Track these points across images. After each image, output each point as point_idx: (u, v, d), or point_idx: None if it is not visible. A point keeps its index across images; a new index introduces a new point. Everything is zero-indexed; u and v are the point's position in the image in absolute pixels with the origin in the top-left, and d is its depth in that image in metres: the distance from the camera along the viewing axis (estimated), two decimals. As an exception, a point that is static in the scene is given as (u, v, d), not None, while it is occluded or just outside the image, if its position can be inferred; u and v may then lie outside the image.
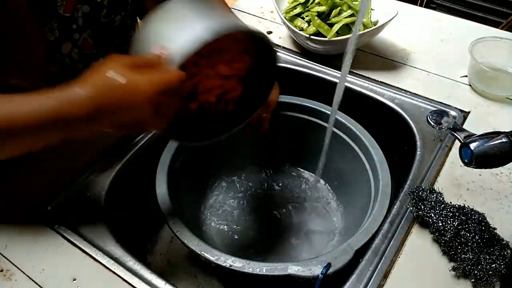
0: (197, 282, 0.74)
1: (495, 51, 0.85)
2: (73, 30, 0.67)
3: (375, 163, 0.71)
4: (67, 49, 0.68)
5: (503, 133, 0.53)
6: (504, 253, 0.56)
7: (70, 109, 0.48)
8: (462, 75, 0.87)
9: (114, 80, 0.48)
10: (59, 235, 0.62)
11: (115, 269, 0.58)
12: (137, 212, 0.76)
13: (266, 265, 0.57)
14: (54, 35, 0.64)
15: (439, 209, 0.60)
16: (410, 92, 0.84)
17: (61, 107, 0.48)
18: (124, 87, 0.49)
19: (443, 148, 0.73)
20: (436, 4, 2.18)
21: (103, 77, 0.49)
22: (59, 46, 0.66)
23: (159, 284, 0.57)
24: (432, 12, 1.11)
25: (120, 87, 0.49)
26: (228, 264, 0.57)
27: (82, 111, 0.48)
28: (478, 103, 0.81)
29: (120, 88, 0.49)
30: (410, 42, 0.96)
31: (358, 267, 0.58)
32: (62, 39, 0.66)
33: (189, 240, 0.60)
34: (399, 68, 0.90)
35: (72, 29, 0.67)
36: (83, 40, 0.69)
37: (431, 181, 0.67)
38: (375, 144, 0.73)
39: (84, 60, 0.71)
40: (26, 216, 0.64)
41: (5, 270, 0.58)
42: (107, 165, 0.72)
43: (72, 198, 0.67)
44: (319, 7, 0.90)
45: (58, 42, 0.66)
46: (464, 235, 0.56)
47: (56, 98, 0.48)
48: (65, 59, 0.68)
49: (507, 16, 2.00)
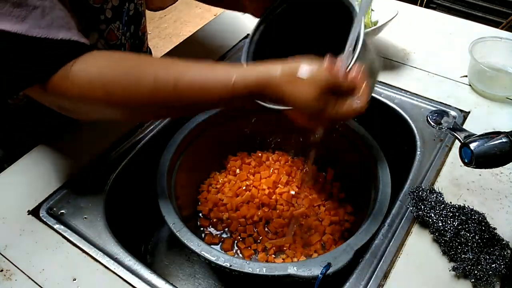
0: (197, 282, 0.74)
1: (495, 51, 0.85)
2: (100, 21, 0.67)
3: (375, 163, 0.71)
4: (93, 39, 0.68)
5: (503, 133, 0.53)
6: (504, 253, 0.56)
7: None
8: (462, 75, 0.87)
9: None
10: (59, 235, 0.62)
11: (115, 269, 0.58)
12: (137, 212, 0.76)
13: (266, 265, 0.57)
14: (81, 25, 0.64)
15: (439, 209, 0.60)
16: (410, 92, 0.84)
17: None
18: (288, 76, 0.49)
19: (443, 148, 0.73)
20: (436, 4, 2.19)
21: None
22: (86, 36, 0.67)
23: (159, 284, 0.57)
24: (432, 12, 1.11)
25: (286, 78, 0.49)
26: (228, 264, 0.57)
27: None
28: (478, 103, 0.81)
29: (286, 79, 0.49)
30: (410, 42, 0.96)
31: (358, 267, 0.58)
32: (88, 29, 0.66)
33: (189, 240, 0.60)
34: (399, 68, 0.90)
35: (100, 19, 0.67)
36: (109, 31, 0.70)
37: (431, 181, 0.67)
38: (375, 144, 0.73)
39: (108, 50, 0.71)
40: (26, 216, 0.64)
41: (5, 270, 0.58)
42: (108, 165, 0.72)
43: (72, 198, 0.67)
44: (319, 7, 0.90)
45: (85, 32, 0.66)
46: (464, 235, 0.56)
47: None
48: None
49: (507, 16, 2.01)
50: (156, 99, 0.51)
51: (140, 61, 0.54)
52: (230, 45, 0.96)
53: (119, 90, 0.50)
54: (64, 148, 0.73)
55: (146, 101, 0.51)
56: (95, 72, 0.50)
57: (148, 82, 0.50)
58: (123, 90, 0.50)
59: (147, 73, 0.51)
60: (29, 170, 0.70)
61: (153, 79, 0.50)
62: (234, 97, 0.50)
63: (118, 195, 0.70)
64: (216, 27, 1.02)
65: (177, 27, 2.65)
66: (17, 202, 0.66)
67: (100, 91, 0.50)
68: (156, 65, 0.53)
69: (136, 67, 0.52)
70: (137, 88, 0.50)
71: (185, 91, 0.50)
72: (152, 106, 0.52)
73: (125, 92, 0.50)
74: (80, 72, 0.50)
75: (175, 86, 0.50)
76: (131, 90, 0.51)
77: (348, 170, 0.81)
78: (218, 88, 0.50)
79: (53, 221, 0.63)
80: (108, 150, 0.73)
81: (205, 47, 0.96)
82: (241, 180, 0.83)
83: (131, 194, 0.73)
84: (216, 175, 0.86)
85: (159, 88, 0.50)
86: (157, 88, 0.50)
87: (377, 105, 0.83)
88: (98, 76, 0.50)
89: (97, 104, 0.52)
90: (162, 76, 0.50)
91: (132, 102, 0.52)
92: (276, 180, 0.83)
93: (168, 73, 0.50)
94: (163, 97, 0.51)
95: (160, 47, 2.40)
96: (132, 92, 0.51)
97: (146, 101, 0.51)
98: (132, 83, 0.50)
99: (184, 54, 0.95)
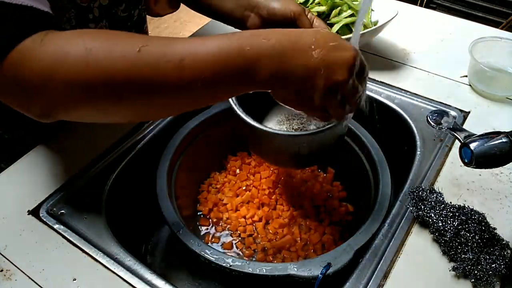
0: (197, 282, 0.74)
1: (495, 51, 0.85)
2: (89, 20, 0.67)
3: (375, 163, 0.71)
4: None
5: (503, 133, 0.53)
6: (504, 253, 0.56)
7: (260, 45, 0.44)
8: (462, 75, 0.87)
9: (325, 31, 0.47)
10: (59, 235, 0.62)
11: (115, 269, 0.58)
12: (137, 212, 0.76)
13: (266, 265, 0.57)
14: (71, 25, 0.65)
15: (439, 209, 0.60)
16: (410, 92, 0.84)
17: (244, 45, 0.44)
18: (332, 40, 0.47)
19: (443, 148, 0.73)
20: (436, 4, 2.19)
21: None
22: None
23: (159, 284, 0.57)
24: (432, 12, 1.11)
25: (326, 40, 0.46)
26: (228, 264, 0.57)
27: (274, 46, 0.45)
28: (478, 103, 0.81)
29: (326, 40, 0.46)
30: (410, 42, 0.96)
31: (358, 267, 0.58)
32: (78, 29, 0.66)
33: (189, 240, 0.60)
34: (399, 68, 0.90)
35: (89, 19, 0.67)
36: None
37: (431, 181, 0.67)
38: (375, 144, 0.73)
39: None
40: (26, 216, 0.64)
41: (5, 270, 0.58)
42: (107, 165, 0.72)
43: (72, 198, 0.67)
44: (319, 7, 0.90)
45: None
46: (464, 235, 0.56)
47: (238, 35, 0.45)
48: None
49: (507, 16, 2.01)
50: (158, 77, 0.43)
51: (123, 32, 0.46)
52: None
53: (100, 53, 0.42)
54: (64, 148, 0.73)
55: (131, 73, 0.42)
56: (71, 39, 0.43)
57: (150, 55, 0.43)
58: (106, 53, 0.42)
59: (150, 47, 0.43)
60: (29, 170, 0.70)
61: (139, 47, 0.42)
62: (250, 70, 0.44)
63: (118, 195, 0.70)
64: (216, 27, 1.02)
65: (177, 27, 2.65)
66: (17, 202, 0.66)
67: (78, 58, 0.42)
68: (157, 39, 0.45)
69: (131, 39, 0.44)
70: (121, 54, 0.42)
71: (193, 66, 0.43)
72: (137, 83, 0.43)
73: (109, 55, 0.42)
74: (54, 39, 0.42)
75: (181, 61, 0.43)
76: (113, 54, 0.42)
77: (348, 170, 0.81)
78: (231, 58, 0.44)
79: (53, 221, 0.63)
80: (108, 150, 0.73)
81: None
82: (241, 180, 0.83)
83: (131, 194, 0.73)
84: (216, 175, 0.86)
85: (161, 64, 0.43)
86: (159, 63, 0.43)
87: (377, 105, 0.83)
88: (76, 42, 0.42)
89: (70, 77, 0.42)
90: (152, 44, 0.43)
91: (115, 71, 0.42)
92: (276, 180, 0.83)
93: (174, 48, 0.44)
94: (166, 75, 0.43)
95: (160, 47, 2.40)
96: (115, 58, 0.42)
97: (131, 74, 0.42)
98: (118, 47, 0.43)
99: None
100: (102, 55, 0.42)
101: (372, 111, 0.81)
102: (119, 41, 0.43)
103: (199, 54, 0.44)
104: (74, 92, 0.43)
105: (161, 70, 0.43)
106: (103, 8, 0.68)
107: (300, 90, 0.47)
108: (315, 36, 0.47)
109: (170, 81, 0.43)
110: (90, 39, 0.43)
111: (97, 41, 0.43)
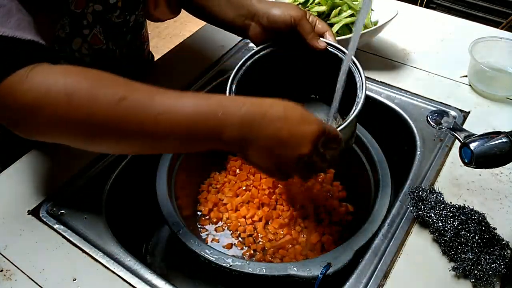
0: (197, 282, 0.74)
1: (495, 51, 0.85)
2: (83, 26, 0.68)
3: (375, 163, 0.71)
4: (77, 44, 0.68)
5: (503, 133, 0.53)
6: (504, 253, 0.56)
7: (227, 112, 0.47)
8: (462, 75, 0.87)
9: (289, 106, 0.50)
10: (59, 235, 0.62)
11: (115, 269, 0.58)
12: (137, 212, 0.76)
13: (266, 265, 0.57)
14: (65, 31, 0.65)
15: (439, 209, 0.60)
16: (410, 92, 0.84)
17: (217, 110, 0.47)
18: (300, 114, 0.49)
19: (443, 148, 0.73)
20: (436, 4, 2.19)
21: (277, 101, 0.50)
22: (70, 42, 0.67)
23: (159, 284, 0.57)
24: (432, 12, 1.11)
25: (294, 114, 0.49)
26: (228, 264, 0.57)
27: (236, 120, 0.47)
28: (478, 103, 0.81)
29: (294, 114, 0.49)
30: (410, 42, 0.96)
31: (358, 267, 0.58)
32: (72, 35, 0.67)
33: (189, 240, 0.60)
34: (399, 68, 0.90)
35: (83, 25, 0.67)
36: (93, 35, 0.70)
37: (431, 181, 0.67)
38: (375, 144, 0.73)
39: (93, 54, 0.72)
40: (26, 216, 0.64)
41: (5, 270, 0.58)
42: (107, 166, 0.72)
43: (72, 198, 0.67)
44: (319, 7, 0.90)
45: (69, 38, 0.66)
46: (464, 235, 0.56)
47: (214, 99, 0.49)
48: (74, 54, 0.69)
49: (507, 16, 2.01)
50: (119, 121, 0.47)
51: (107, 76, 0.50)
52: (231, 45, 0.96)
53: (83, 99, 0.46)
54: (64, 148, 0.73)
55: (109, 120, 0.46)
56: (54, 78, 0.47)
57: (128, 108, 0.46)
58: (88, 99, 0.46)
59: (129, 100, 0.47)
60: (29, 170, 0.70)
61: (119, 97, 0.46)
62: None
63: (118, 195, 0.70)
64: (216, 27, 1.02)
65: (177, 27, 2.64)
66: (17, 202, 0.66)
67: (59, 99, 0.46)
68: (138, 92, 0.49)
69: (104, 80, 0.48)
70: (101, 103, 0.46)
71: (167, 122, 0.47)
72: (114, 129, 0.47)
73: (90, 102, 0.46)
74: (39, 76, 0.46)
75: (157, 115, 0.47)
76: (94, 102, 0.46)
77: (348, 170, 0.81)
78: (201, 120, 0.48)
79: (53, 221, 0.63)
80: (108, 150, 0.73)
81: (205, 47, 0.96)
82: (241, 180, 0.83)
83: (131, 194, 0.73)
84: (216, 175, 0.86)
85: (138, 116, 0.46)
86: (136, 115, 0.46)
87: (377, 105, 0.83)
88: (59, 82, 0.46)
89: (52, 115, 0.46)
90: (132, 97, 0.47)
91: (94, 117, 0.46)
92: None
93: (152, 102, 0.47)
94: (142, 127, 0.47)
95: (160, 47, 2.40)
96: (96, 105, 0.46)
97: (109, 121, 0.46)
98: (99, 95, 0.46)
99: (184, 54, 0.95)
100: (83, 101, 0.46)
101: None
102: (101, 89, 0.47)
103: (174, 111, 0.48)
104: (53, 128, 0.48)
105: (137, 122, 0.47)
106: (96, 14, 0.68)
107: (265, 157, 0.50)
108: (284, 108, 0.49)
109: (145, 132, 0.47)
110: (73, 81, 0.47)
111: (80, 85, 0.47)
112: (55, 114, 0.46)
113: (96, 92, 0.46)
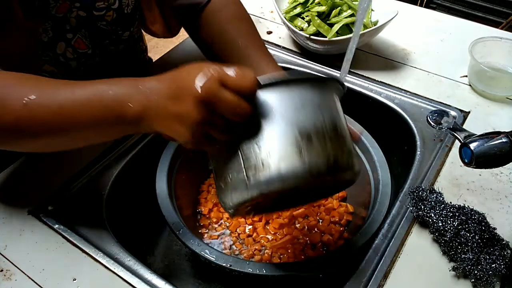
0: (197, 282, 0.74)
1: (495, 51, 0.85)
2: (66, 30, 0.68)
3: (375, 163, 0.71)
4: (61, 48, 0.68)
5: (503, 133, 0.53)
6: (504, 253, 0.56)
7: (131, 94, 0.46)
8: (462, 75, 0.87)
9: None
10: (59, 235, 0.62)
11: (115, 269, 0.58)
12: (137, 212, 0.76)
13: (266, 265, 0.57)
14: (48, 36, 0.65)
15: (439, 209, 0.60)
16: (410, 92, 0.84)
17: (110, 88, 0.47)
18: (191, 65, 0.44)
19: (443, 148, 0.73)
20: (436, 4, 2.19)
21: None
22: (54, 46, 0.67)
23: (159, 284, 0.57)
24: (432, 12, 1.11)
25: (186, 66, 0.45)
26: (228, 264, 0.57)
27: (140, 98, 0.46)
28: (478, 103, 0.81)
29: (185, 67, 0.45)
30: (410, 42, 0.96)
31: (358, 267, 0.58)
32: (56, 39, 0.67)
33: (189, 240, 0.60)
34: (399, 68, 0.90)
35: (65, 29, 0.67)
36: (77, 39, 0.70)
37: (431, 181, 0.67)
38: (375, 144, 0.73)
39: (79, 59, 0.72)
40: (26, 216, 0.64)
41: (5, 270, 0.58)
42: (107, 165, 0.72)
43: (72, 198, 0.67)
44: (319, 7, 0.90)
45: (53, 42, 0.66)
46: (464, 235, 0.56)
47: (115, 83, 0.48)
48: (59, 58, 0.69)
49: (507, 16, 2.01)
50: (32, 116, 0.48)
51: (18, 76, 0.52)
52: (230, 45, 0.96)
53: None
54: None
55: (20, 122, 0.49)
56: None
57: (19, 101, 0.48)
58: (2, 114, 0.48)
59: (35, 99, 0.48)
60: (29, 170, 0.70)
61: (40, 103, 0.48)
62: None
63: (118, 195, 0.70)
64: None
65: (177, 27, 2.64)
66: (17, 202, 0.66)
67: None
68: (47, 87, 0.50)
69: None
70: (9, 106, 0.48)
71: (71, 111, 0.48)
72: (26, 130, 0.50)
73: (4, 116, 0.48)
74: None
75: (60, 108, 0.48)
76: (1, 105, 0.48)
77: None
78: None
79: (53, 221, 0.63)
80: (108, 150, 0.73)
81: (205, 47, 0.96)
82: (241, 180, 0.83)
83: (131, 194, 0.73)
84: (216, 175, 0.86)
85: (45, 112, 0.48)
86: (43, 112, 0.48)
87: (377, 105, 0.83)
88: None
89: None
90: (50, 99, 0.48)
91: (4, 119, 0.49)
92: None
93: (56, 95, 0.49)
94: (48, 122, 0.48)
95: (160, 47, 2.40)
96: (3, 109, 0.48)
97: (19, 123, 0.49)
98: (7, 99, 0.48)
99: (183, 54, 0.96)
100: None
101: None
102: (8, 91, 0.49)
103: (72, 99, 0.48)
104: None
105: (43, 119, 0.48)
106: (81, 19, 0.68)
107: (171, 122, 0.45)
108: (180, 67, 0.46)
109: (55, 128, 0.49)
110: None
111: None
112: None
113: (6, 97, 0.48)
